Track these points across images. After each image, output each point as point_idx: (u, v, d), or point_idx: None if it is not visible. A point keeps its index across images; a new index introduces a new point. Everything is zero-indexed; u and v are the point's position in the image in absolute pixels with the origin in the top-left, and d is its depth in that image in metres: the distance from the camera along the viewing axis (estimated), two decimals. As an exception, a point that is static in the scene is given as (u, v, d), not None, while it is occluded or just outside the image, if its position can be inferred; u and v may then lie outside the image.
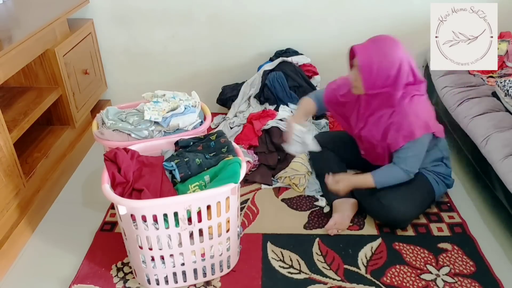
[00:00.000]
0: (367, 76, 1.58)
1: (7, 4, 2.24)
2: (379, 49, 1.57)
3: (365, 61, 1.57)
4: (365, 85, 1.61)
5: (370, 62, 1.56)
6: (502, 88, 1.99)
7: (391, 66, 1.55)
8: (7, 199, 1.70)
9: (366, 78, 1.58)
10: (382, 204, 1.74)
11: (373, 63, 1.55)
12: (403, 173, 1.71)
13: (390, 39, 1.60)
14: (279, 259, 1.69)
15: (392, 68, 1.55)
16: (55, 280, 1.63)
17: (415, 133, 1.63)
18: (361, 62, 1.57)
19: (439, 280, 1.59)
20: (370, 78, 1.58)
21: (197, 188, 1.49)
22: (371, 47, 1.58)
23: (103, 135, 1.70)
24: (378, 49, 1.57)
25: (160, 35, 2.61)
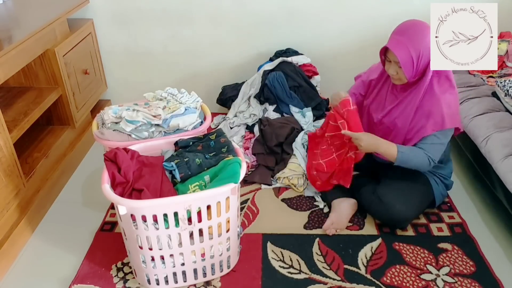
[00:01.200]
0: (409, 68, 1.57)
1: (7, 4, 2.24)
2: (413, 38, 1.55)
3: (403, 56, 1.55)
4: (409, 76, 1.60)
5: (408, 55, 1.55)
6: (502, 88, 1.99)
7: (429, 50, 1.55)
8: (7, 199, 1.70)
9: (409, 70, 1.58)
10: (383, 203, 1.74)
11: (412, 55, 1.54)
12: (426, 159, 1.63)
13: (418, 24, 1.58)
14: (279, 259, 1.69)
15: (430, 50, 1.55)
16: (55, 280, 1.63)
17: (446, 123, 1.60)
18: (400, 58, 1.55)
19: (439, 280, 1.59)
20: (413, 69, 1.57)
21: (197, 188, 1.49)
22: (404, 40, 1.56)
23: (103, 135, 1.70)
24: (411, 39, 1.55)
25: (160, 35, 2.61)
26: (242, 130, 2.43)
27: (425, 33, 1.56)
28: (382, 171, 1.88)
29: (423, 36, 1.56)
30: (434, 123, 1.61)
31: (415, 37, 1.55)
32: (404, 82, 1.66)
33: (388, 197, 1.74)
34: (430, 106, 1.62)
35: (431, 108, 1.62)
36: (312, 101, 2.43)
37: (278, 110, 2.42)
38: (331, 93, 2.57)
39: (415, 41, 1.55)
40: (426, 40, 1.55)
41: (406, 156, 1.64)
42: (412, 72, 1.59)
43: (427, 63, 1.58)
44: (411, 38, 1.55)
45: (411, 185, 1.76)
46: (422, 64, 1.58)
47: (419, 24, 1.59)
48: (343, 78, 2.70)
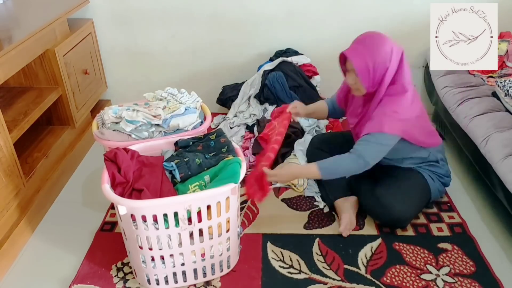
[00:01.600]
0: (365, 76, 1.58)
1: (7, 4, 2.24)
2: (369, 47, 1.56)
3: (359, 63, 1.56)
4: (366, 85, 1.61)
5: (364, 63, 1.56)
6: (502, 88, 1.99)
7: (385, 59, 1.55)
8: (7, 199, 1.70)
9: (365, 79, 1.58)
10: (382, 205, 1.74)
11: (368, 62, 1.55)
12: (353, 159, 1.61)
13: (375, 35, 1.60)
14: (279, 259, 1.69)
15: (387, 60, 1.56)
16: (55, 280, 1.63)
17: (384, 127, 1.58)
18: (356, 65, 1.56)
19: (439, 280, 1.59)
20: (369, 78, 1.58)
21: (197, 188, 1.49)
22: (361, 48, 1.57)
23: (103, 135, 1.70)
24: (368, 48, 1.56)
25: (160, 35, 2.61)
26: (242, 130, 2.43)
27: (382, 43, 1.56)
28: (379, 171, 1.88)
29: (380, 46, 1.55)
30: (372, 125, 1.61)
31: (371, 46, 1.56)
32: (363, 93, 1.65)
33: (387, 199, 1.73)
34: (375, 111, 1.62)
35: (374, 113, 1.62)
36: (312, 101, 2.42)
37: (278, 110, 2.42)
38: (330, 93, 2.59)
39: (371, 50, 1.55)
40: (382, 50, 1.55)
41: (329, 170, 1.65)
42: (368, 81, 1.59)
43: (383, 73, 1.57)
44: (368, 47, 1.56)
45: (408, 183, 1.76)
46: (378, 73, 1.57)
47: (377, 35, 1.60)
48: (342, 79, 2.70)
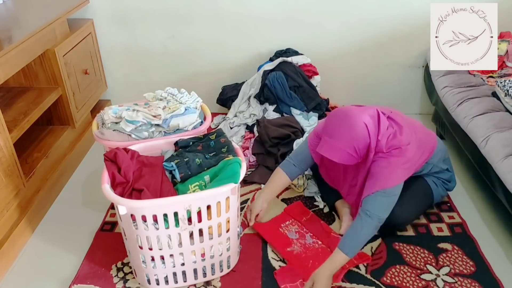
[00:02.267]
0: (350, 160, 1.53)
1: (7, 4, 2.24)
2: (343, 137, 1.50)
3: (341, 157, 1.51)
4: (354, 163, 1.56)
5: (345, 153, 1.50)
6: (502, 88, 1.99)
7: (364, 138, 1.50)
8: (7, 199, 1.70)
9: (352, 162, 1.54)
10: None
11: (348, 151, 1.50)
12: (371, 222, 1.54)
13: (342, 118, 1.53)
14: (279, 259, 1.69)
15: (366, 137, 1.50)
16: (55, 280, 1.63)
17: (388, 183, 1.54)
18: (338, 160, 1.52)
19: (439, 280, 1.59)
20: (354, 159, 1.53)
21: (197, 188, 1.49)
22: (335, 142, 1.51)
23: (103, 135, 1.70)
24: (342, 138, 1.50)
25: (160, 35, 2.61)
26: (242, 130, 2.43)
27: (353, 125, 1.50)
28: None
29: (352, 129, 1.49)
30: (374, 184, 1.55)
31: (344, 135, 1.50)
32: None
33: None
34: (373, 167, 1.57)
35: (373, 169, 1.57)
36: (312, 101, 2.43)
37: (278, 110, 2.42)
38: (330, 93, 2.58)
39: (346, 139, 1.50)
40: (356, 132, 1.49)
41: (354, 247, 1.54)
42: (355, 161, 1.54)
43: (367, 148, 1.53)
44: (341, 138, 1.50)
45: (410, 188, 1.71)
46: (361, 150, 1.52)
47: (344, 117, 1.53)
48: (343, 78, 2.71)
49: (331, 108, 2.54)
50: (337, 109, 1.62)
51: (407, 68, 2.65)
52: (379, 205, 1.55)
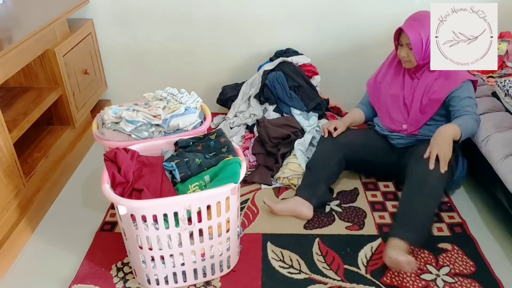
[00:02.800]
0: (419, 49, 1.76)
1: (7, 4, 2.24)
2: (424, 24, 1.75)
3: (414, 37, 1.74)
4: (418, 57, 1.78)
5: (419, 37, 1.75)
6: (502, 88, 1.99)
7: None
8: (7, 199, 1.70)
9: (418, 51, 1.76)
10: None
11: (422, 37, 1.74)
12: (475, 121, 1.74)
13: (429, 13, 1.76)
14: (279, 259, 1.69)
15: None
16: (55, 280, 1.63)
17: (466, 75, 1.79)
18: (411, 38, 1.74)
19: (439, 280, 1.59)
20: (422, 50, 1.76)
21: (197, 188, 1.49)
22: (416, 24, 1.76)
23: (103, 135, 1.70)
24: (422, 24, 1.75)
25: (160, 35, 2.61)
26: (242, 130, 2.43)
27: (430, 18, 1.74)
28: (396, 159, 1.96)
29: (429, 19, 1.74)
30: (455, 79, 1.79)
31: (426, 23, 1.74)
32: (413, 65, 1.83)
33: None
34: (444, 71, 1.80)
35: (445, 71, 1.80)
36: (312, 101, 2.43)
37: (278, 110, 2.42)
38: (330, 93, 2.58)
39: (426, 27, 1.74)
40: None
41: (464, 127, 1.71)
42: (421, 54, 1.77)
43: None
44: (423, 24, 1.75)
45: None
46: (430, 47, 1.75)
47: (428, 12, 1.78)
48: (343, 78, 2.71)
49: (331, 108, 2.54)
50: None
51: (407, 68, 2.64)
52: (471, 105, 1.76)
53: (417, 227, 1.61)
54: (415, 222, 1.61)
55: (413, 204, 1.64)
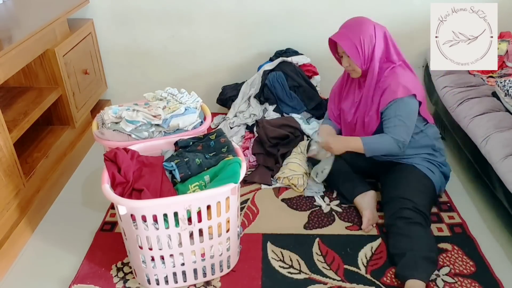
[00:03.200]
0: (356, 55, 1.69)
1: (7, 4, 2.24)
2: (353, 29, 1.71)
3: (347, 44, 1.69)
4: (359, 63, 1.71)
5: (351, 43, 1.69)
6: (502, 88, 1.99)
7: (370, 35, 1.68)
8: (7, 199, 1.70)
9: (356, 57, 1.70)
10: None
11: (354, 41, 1.68)
12: (393, 141, 1.71)
13: (357, 18, 1.75)
14: (279, 259, 1.69)
15: (372, 36, 1.69)
16: (55, 280, 1.63)
17: (397, 93, 1.68)
18: (344, 46, 1.70)
19: (439, 280, 1.59)
20: (359, 55, 1.70)
21: (197, 188, 1.49)
22: (345, 31, 1.72)
23: (103, 135, 1.70)
24: (352, 29, 1.71)
25: (160, 35, 2.61)
26: (242, 130, 2.43)
27: (363, 23, 1.71)
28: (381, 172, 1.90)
29: (362, 26, 1.70)
30: (387, 96, 1.71)
31: (354, 27, 1.71)
32: (359, 73, 1.77)
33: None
34: (381, 85, 1.73)
35: (381, 86, 1.73)
36: (312, 101, 2.43)
37: (278, 110, 2.42)
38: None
39: (355, 31, 1.70)
40: (365, 29, 1.69)
41: (373, 145, 1.75)
42: (360, 59, 1.70)
43: (372, 49, 1.70)
44: (351, 29, 1.71)
45: (407, 179, 1.76)
46: (367, 50, 1.69)
47: (359, 18, 1.75)
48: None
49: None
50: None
51: (407, 68, 2.64)
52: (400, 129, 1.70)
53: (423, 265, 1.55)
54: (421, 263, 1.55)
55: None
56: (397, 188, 1.75)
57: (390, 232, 1.68)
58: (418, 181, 1.77)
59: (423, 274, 1.52)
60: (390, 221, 1.70)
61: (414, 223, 1.62)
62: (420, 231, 1.61)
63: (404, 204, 1.67)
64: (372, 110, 1.77)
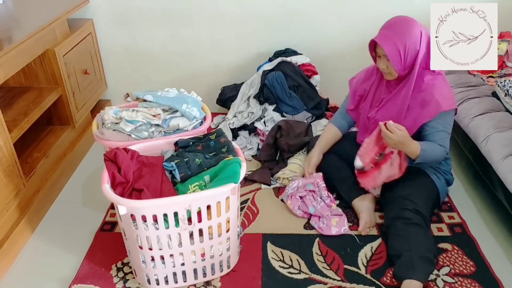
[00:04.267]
0: (397, 60, 1.62)
1: (7, 4, 2.24)
2: (398, 32, 1.61)
3: (390, 48, 1.61)
4: (398, 69, 1.64)
5: (395, 48, 1.61)
6: (502, 88, 1.99)
7: (415, 42, 1.61)
8: (7, 199, 1.70)
9: (397, 63, 1.63)
10: None
11: (399, 47, 1.60)
12: (443, 151, 1.69)
13: (404, 19, 1.65)
14: (279, 259, 1.69)
15: (417, 43, 1.61)
16: (55, 280, 1.63)
17: (441, 106, 1.64)
18: (387, 51, 1.61)
19: (439, 280, 1.59)
20: (401, 61, 1.62)
21: (197, 188, 1.49)
22: (390, 33, 1.62)
23: (103, 135, 1.70)
24: (397, 33, 1.61)
25: (160, 35, 2.61)
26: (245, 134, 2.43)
27: (411, 27, 1.62)
28: None
29: (409, 30, 1.61)
30: (429, 110, 1.66)
31: (400, 31, 1.61)
32: (395, 76, 1.71)
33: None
34: (423, 95, 1.67)
35: (424, 97, 1.66)
36: (312, 101, 2.43)
37: (278, 110, 2.42)
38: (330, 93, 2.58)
39: (401, 35, 1.61)
40: (412, 34, 1.61)
41: (427, 153, 1.68)
42: (400, 65, 1.63)
43: (415, 55, 1.63)
44: (397, 32, 1.62)
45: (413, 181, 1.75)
46: (410, 56, 1.62)
47: (405, 19, 1.65)
48: (342, 78, 2.69)
49: (331, 108, 2.54)
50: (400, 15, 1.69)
51: (407, 68, 2.64)
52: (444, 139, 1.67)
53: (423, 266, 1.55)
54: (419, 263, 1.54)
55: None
56: (400, 189, 1.74)
57: (389, 233, 1.68)
58: (422, 184, 1.77)
59: (420, 274, 1.51)
60: (389, 222, 1.70)
61: (412, 224, 1.62)
62: (419, 231, 1.61)
63: (405, 205, 1.67)
64: (409, 119, 1.70)
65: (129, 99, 1.87)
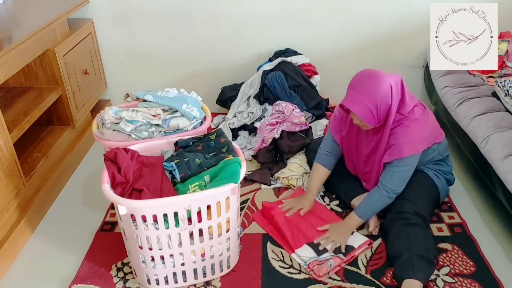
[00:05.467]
0: (370, 118, 1.57)
1: (7, 4, 2.24)
2: (368, 92, 1.54)
3: (361, 110, 1.55)
4: (372, 125, 1.60)
5: (366, 108, 1.54)
6: (502, 88, 1.99)
7: (386, 97, 1.54)
8: (7, 199, 1.70)
9: (370, 121, 1.57)
10: None
11: (370, 107, 1.54)
12: (384, 196, 1.68)
13: (368, 76, 1.57)
14: (279, 259, 1.69)
15: (388, 97, 1.54)
16: (55, 280, 1.63)
17: (403, 152, 1.62)
18: (358, 114, 1.55)
19: (439, 280, 1.59)
20: (374, 119, 1.57)
21: (197, 188, 1.49)
22: (359, 95, 1.55)
23: (103, 135, 1.70)
24: (366, 93, 1.54)
25: (160, 35, 2.61)
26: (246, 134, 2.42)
27: (379, 83, 1.53)
28: None
29: (377, 87, 1.53)
30: (390, 153, 1.64)
31: (369, 90, 1.54)
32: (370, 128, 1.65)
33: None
34: (390, 139, 1.64)
35: (390, 140, 1.64)
36: (312, 100, 2.43)
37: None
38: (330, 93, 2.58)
39: (370, 95, 1.53)
40: (381, 90, 1.53)
41: (367, 212, 1.75)
42: (374, 121, 1.58)
43: (387, 110, 1.57)
44: (366, 92, 1.54)
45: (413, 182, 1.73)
46: (382, 111, 1.56)
47: (372, 75, 1.56)
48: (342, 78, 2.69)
49: (331, 108, 2.54)
50: (364, 69, 1.61)
51: (407, 68, 2.65)
52: (396, 179, 1.67)
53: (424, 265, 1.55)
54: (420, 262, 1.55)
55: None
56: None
57: (388, 234, 1.68)
58: (423, 185, 1.77)
59: (420, 273, 1.51)
60: (389, 223, 1.69)
61: (412, 225, 1.62)
62: (418, 232, 1.61)
63: (406, 206, 1.67)
64: (378, 157, 1.71)
65: (129, 99, 1.87)
